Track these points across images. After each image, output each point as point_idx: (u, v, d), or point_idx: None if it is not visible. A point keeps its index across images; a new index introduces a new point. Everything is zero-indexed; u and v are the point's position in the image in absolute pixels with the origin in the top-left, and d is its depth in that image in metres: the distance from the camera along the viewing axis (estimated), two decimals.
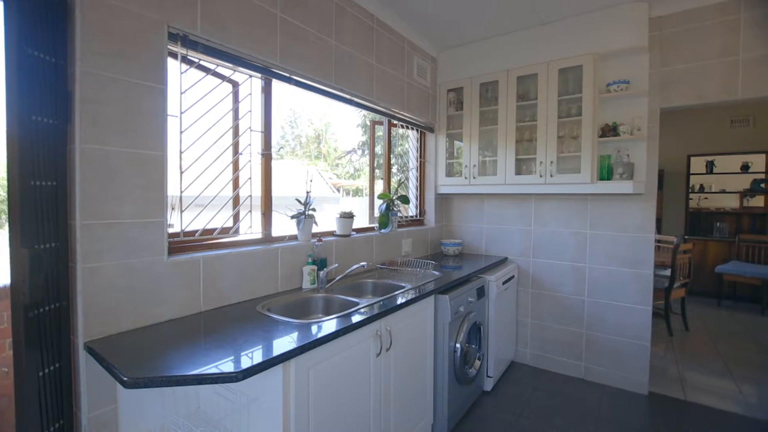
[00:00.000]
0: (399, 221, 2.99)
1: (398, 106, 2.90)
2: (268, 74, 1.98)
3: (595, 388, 2.73)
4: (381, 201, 2.77)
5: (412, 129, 3.31)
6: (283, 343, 1.26)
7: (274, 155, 2.13)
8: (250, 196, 1.94)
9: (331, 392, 1.40)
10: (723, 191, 5.54)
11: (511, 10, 2.67)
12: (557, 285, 2.99)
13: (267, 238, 2.03)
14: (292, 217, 2.10)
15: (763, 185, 5.17)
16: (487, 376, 2.63)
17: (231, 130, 1.92)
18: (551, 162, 2.77)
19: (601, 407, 2.50)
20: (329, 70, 2.27)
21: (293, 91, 2.19)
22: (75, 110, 1.26)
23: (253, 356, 1.16)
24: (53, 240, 1.25)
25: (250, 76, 1.95)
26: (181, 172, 1.65)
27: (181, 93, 1.66)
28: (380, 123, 3.05)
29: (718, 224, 5.41)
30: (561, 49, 2.77)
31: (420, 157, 3.42)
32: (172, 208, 1.58)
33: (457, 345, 2.16)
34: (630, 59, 2.66)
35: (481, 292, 2.47)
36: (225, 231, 1.86)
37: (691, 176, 5.66)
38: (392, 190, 2.96)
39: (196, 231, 1.73)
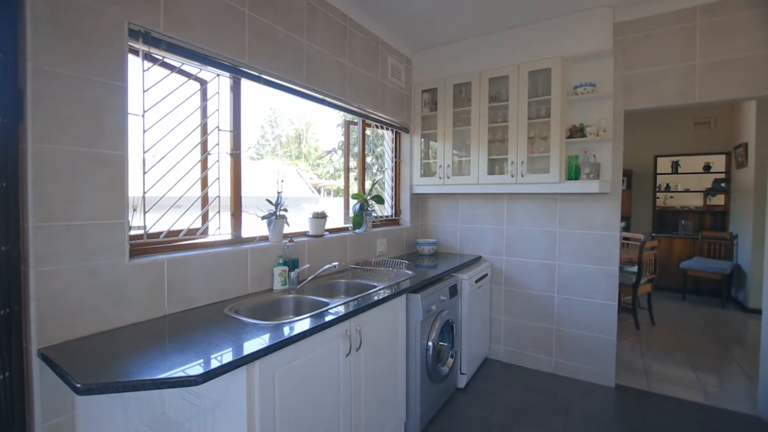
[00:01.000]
0: (374, 221, 3.00)
1: (372, 107, 2.91)
2: (236, 73, 1.95)
3: (564, 383, 2.81)
4: (355, 201, 2.78)
5: (387, 129, 3.32)
6: (248, 345, 1.24)
7: (253, 155, 2.12)
8: (219, 196, 1.91)
9: (298, 393, 1.39)
10: (687, 190, 5.79)
11: (483, 13, 2.72)
12: (529, 282, 3.06)
13: (237, 239, 2.00)
14: (263, 217, 2.08)
15: (723, 185, 5.43)
16: (461, 373, 2.67)
17: (199, 129, 1.89)
18: (522, 162, 2.83)
19: (570, 401, 2.57)
20: (300, 70, 2.26)
21: (267, 90, 2.17)
22: (27, 108, 1.22)
23: (214, 359, 1.14)
24: (3, 243, 1.20)
25: (218, 75, 1.92)
26: (144, 172, 1.61)
27: (144, 91, 1.62)
28: (355, 123, 3.05)
29: (682, 222, 5.65)
30: (531, 52, 2.84)
31: (395, 157, 3.44)
32: (134, 209, 1.54)
33: (430, 343, 2.18)
34: (596, 62, 2.75)
35: (453, 291, 2.51)
36: (192, 232, 1.82)
37: (658, 176, 5.89)
38: (367, 190, 2.96)
39: (161, 232, 1.70)
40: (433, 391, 2.29)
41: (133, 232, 1.57)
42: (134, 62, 1.57)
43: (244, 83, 2.05)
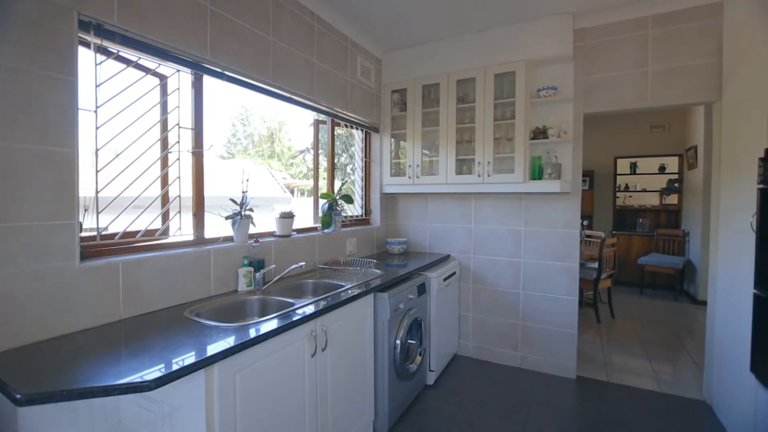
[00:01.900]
0: (344, 221, 2.99)
1: (342, 106, 2.90)
2: (197, 69, 1.89)
3: (529, 376, 2.91)
4: (324, 201, 2.76)
5: (357, 129, 3.32)
6: (207, 349, 1.21)
7: (224, 154, 2.06)
8: (180, 196, 1.85)
9: (261, 396, 1.37)
10: (644, 190, 6.10)
11: (451, 16, 2.76)
12: (496, 280, 3.14)
13: (199, 240, 1.95)
14: (227, 217, 2.03)
15: (676, 185, 5.76)
16: (430, 370, 2.71)
17: (158, 126, 1.82)
18: (488, 162, 2.90)
19: (534, 393, 2.66)
20: (266, 67, 2.22)
21: (233, 87, 2.12)
22: None
23: (170, 364, 1.10)
24: None
25: (178, 70, 1.86)
26: (97, 171, 1.54)
27: (97, 86, 1.55)
28: (324, 122, 3.03)
29: (640, 220, 5.96)
30: (497, 55, 2.91)
31: (365, 157, 3.44)
32: (86, 210, 1.47)
33: (398, 341, 2.20)
34: (558, 67, 2.86)
35: (422, 289, 2.54)
36: (151, 233, 1.76)
37: (618, 176, 6.17)
38: (336, 190, 2.95)
39: (117, 234, 1.63)
40: (402, 389, 2.31)
41: (85, 234, 1.50)
42: (87, 56, 1.50)
43: (207, 80, 2.00)
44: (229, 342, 1.26)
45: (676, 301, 4.97)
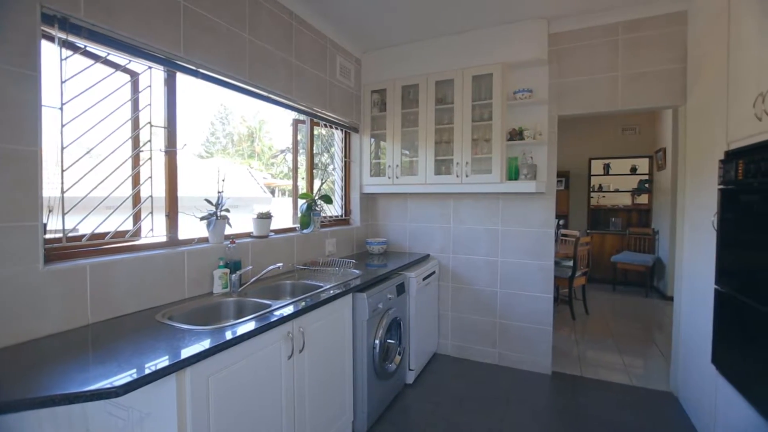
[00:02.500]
0: (323, 221, 2.98)
1: (321, 106, 2.88)
2: (170, 66, 1.85)
3: (506, 372, 2.96)
4: (303, 201, 2.74)
5: (337, 129, 3.30)
6: (179, 352, 1.19)
7: (202, 153, 2.02)
8: (152, 196, 1.80)
9: (236, 399, 1.35)
10: (617, 190, 6.31)
11: (430, 18, 2.79)
12: (474, 279, 3.19)
13: (172, 242, 1.90)
14: (202, 218, 1.99)
15: (647, 185, 5.98)
16: (409, 369, 2.72)
17: (130, 124, 1.77)
18: (466, 163, 2.94)
19: (511, 390, 2.71)
20: (243, 66, 2.19)
21: (209, 85, 2.08)
22: None
23: (139, 369, 1.08)
24: None
25: (150, 67, 1.81)
26: (63, 170, 1.48)
27: (62, 82, 1.49)
28: (303, 122, 3.00)
29: (613, 219, 6.16)
30: (474, 58, 2.96)
31: (345, 157, 3.43)
32: (50, 210, 1.42)
33: (376, 341, 2.20)
34: (533, 70, 2.92)
35: (401, 289, 2.55)
36: (121, 235, 1.71)
37: (592, 177, 6.36)
38: (315, 190, 2.93)
39: (84, 235, 1.57)
40: (381, 389, 2.32)
41: (50, 236, 1.44)
42: (52, 50, 1.45)
43: (182, 77, 1.95)
44: (202, 345, 1.24)
45: (647, 297, 5.16)
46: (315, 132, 3.13)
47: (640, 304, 4.91)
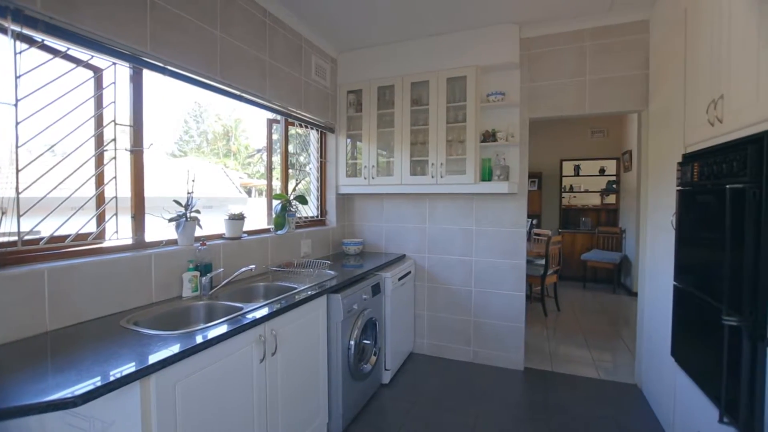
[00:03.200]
0: (298, 222, 2.95)
1: (295, 105, 2.85)
2: (136, 62, 1.79)
3: (481, 370, 3.02)
4: (277, 201, 2.70)
5: (312, 129, 3.28)
6: (143, 359, 1.15)
7: (175, 152, 1.95)
8: (116, 197, 1.74)
9: (205, 405, 1.32)
10: (587, 191, 6.53)
11: (405, 20, 2.81)
12: (449, 278, 3.23)
13: (139, 244, 1.84)
14: (170, 220, 1.93)
15: (614, 186, 6.22)
16: (385, 369, 2.73)
17: (93, 122, 1.70)
18: (441, 164, 2.98)
19: (485, 387, 2.77)
20: (214, 63, 2.14)
21: (179, 83, 2.02)
22: None
23: (101, 377, 1.04)
24: None
25: (114, 63, 1.74)
26: (18, 170, 1.41)
27: (17, 77, 1.41)
28: (277, 121, 2.96)
29: (583, 219, 6.37)
30: (449, 60, 3.00)
31: (321, 158, 3.40)
32: (3, 213, 1.34)
33: (351, 342, 2.20)
34: (505, 73, 2.99)
35: (376, 289, 2.56)
36: (83, 237, 1.64)
37: (563, 178, 6.56)
38: (290, 190, 2.90)
39: (42, 238, 1.50)
40: (357, 390, 2.31)
41: (3, 239, 1.37)
42: (5, 43, 1.37)
43: (149, 74, 1.89)
44: (168, 351, 1.20)
45: (614, 294, 5.37)
46: (292, 132, 3.10)
47: (609, 300, 5.10)
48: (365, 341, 2.49)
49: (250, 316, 1.58)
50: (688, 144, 1.97)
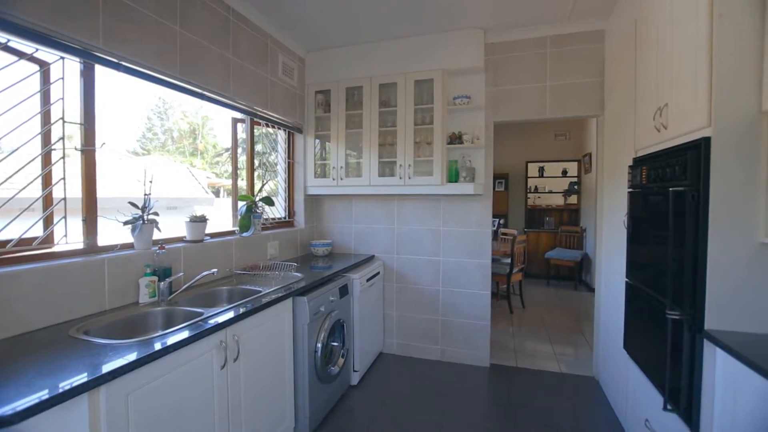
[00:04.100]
0: (264, 224, 2.89)
1: (261, 105, 2.80)
2: (87, 57, 1.69)
3: (449, 368, 3.07)
4: (242, 203, 2.64)
5: (280, 129, 3.23)
6: (92, 370, 1.09)
7: (138, 151, 1.85)
8: (65, 199, 1.64)
9: (162, 416, 1.27)
10: (551, 191, 6.78)
11: (372, 21, 2.82)
12: (418, 278, 3.27)
13: (91, 248, 1.74)
14: (125, 222, 1.85)
15: (576, 187, 6.50)
16: (354, 371, 2.73)
17: (39, 119, 1.60)
18: (409, 165, 3.01)
19: (452, 384, 2.82)
20: (173, 60, 2.07)
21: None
22: None
23: (44, 391, 0.98)
24: None
25: (62, 58, 1.64)
26: None
27: None
28: (243, 121, 2.90)
29: (547, 218, 6.62)
30: (416, 63, 3.03)
31: (289, 158, 3.36)
32: None
33: (318, 345, 2.19)
34: (471, 77, 3.06)
35: (344, 291, 2.55)
36: (27, 242, 1.54)
37: (529, 179, 6.78)
38: (256, 191, 2.84)
39: None
40: (324, 393, 2.30)
41: None
42: None
43: (102, 70, 1.80)
44: (121, 360, 1.15)
45: (576, 290, 5.61)
46: (263, 130, 3.04)
47: (571, 296, 5.32)
48: (333, 343, 2.48)
49: (211, 321, 1.53)
50: (638, 148, 2.09)
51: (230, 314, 1.62)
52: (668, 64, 1.70)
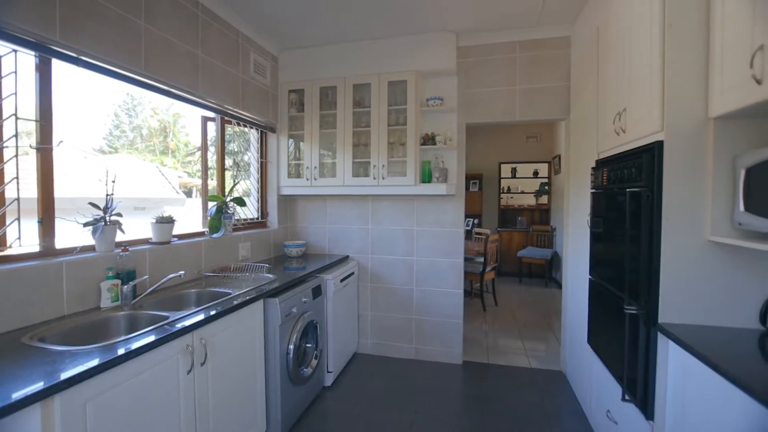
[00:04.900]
0: (236, 224, 2.84)
1: (232, 103, 2.74)
2: (42, 51, 1.62)
3: (422, 366, 3.11)
4: (213, 203, 2.58)
5: (252, 128, 3.17)
6: (46, 378, 1.05)
7: (105, 149, 1.77)
8: (18, 199, 1.56)
9: (123, 424, 1.23)
10: (523, 192, 6.97)
11: (346, 22, 2.81)
12: (392, 278, 3.29)
13: (48, 251, 1.66)
14: (86, 224, 1.77)
15: (546, 187, 6.70)
16: (327, 372, 2.72)
17: None
18: (383, 165, 3.03)
19: (426, 382, 2.85)
20: (138, 56, 2.00)
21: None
22: None
23: None
24: None
25: (14, 50, 1.56)
26: None
27: None
28: (213, 120, 2.83)
29: (519, 218, 6.79)
30: (390, 64, 3.05)
31: (261, 157, 3.31)
32: None
33: (290, 346, 2.17)
34: (444, 80, 3.10)
35: (317, 291, 2.54)
36: None
37: (502, 180, 6.94)
38: (227, 191, 2.78)
39: None
40: (297, 395, 2.28)
41: None
42: None
43: (61, 65, 1.72)
44: (79, 367, 1.11)
45: (546, 287, 5.79)
46: (236, 129, 2.98)
47: (541, 294, 5.49)
48: (306, 345, 2.46)
49: (177, 325, 1.49)
50: (600, 151, 2.18)
51: (197, 317, 1.58)
52: (626, 71, 1.78)
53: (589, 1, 2.43)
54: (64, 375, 1.06)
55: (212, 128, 2.84)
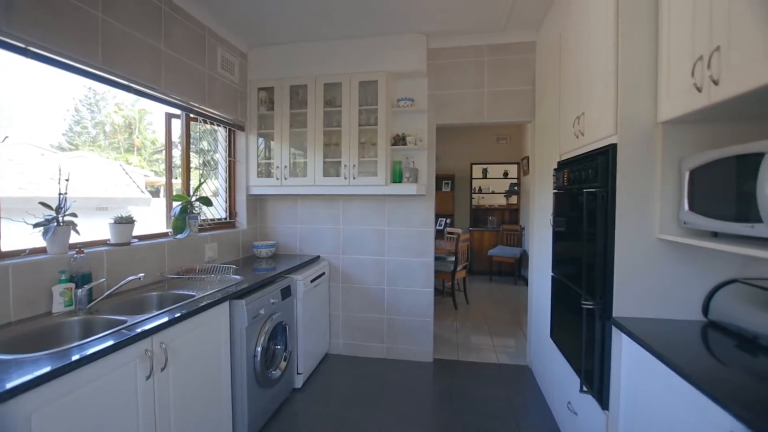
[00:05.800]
0: (203, 225, 2.76)
1: (198, 100, 2.67)
2: None
3: (394, 365, 3.13)
4: (177, 203, 2.50)
5: (220, 126, 3.09)
6: None
7: (65, 145, 1.67)
8: None
9: None
10: (494, 192, 7.13)
11: (316, 20, 2.79)
12: (363, 277, 3.29)
13: None
14: (36, 225, 1.68)
15: (515, 188, 6.89)
16: (297, 373, 2.69)
17: None
18: (354, 165, 3.02)
19: (397, 380, 2.88)
20: (94, 48, 1.91)
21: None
22: None
23: None
24: None
25: None
26: None
27: None
28: (178, 116, 2.74)
29: (490, 218, 6.95)
30: (361, 64, 3.05)
31: (230, 156, 3.23)
32: None
33: (258, 349, 2.13)
34: (414, 81, 3.13)
35: (286, 292, 2.51)
36: None
37: (473, 180, 7.08)
38: (192, 190, 2.70)
39: None
40: (265, 397, 2.24)
41: None
42: None
43: (8, 56, 1.62)
44: (24, 377, 1.04)
45: (516, 285, 5.95)
46: (205, 128, 2.89)
47: (511, 291, 5.64)
48: (276, 346, 2.43)
49: (136, 329, 1.44)
50: (562, 153, 2.27)
51: (158, 321, 1.53)
52: (585, 76, 1.86)
53: (552, 9, 2.52)
54: (9, 385, 1.00)
55: (178, 126, 2.75)
